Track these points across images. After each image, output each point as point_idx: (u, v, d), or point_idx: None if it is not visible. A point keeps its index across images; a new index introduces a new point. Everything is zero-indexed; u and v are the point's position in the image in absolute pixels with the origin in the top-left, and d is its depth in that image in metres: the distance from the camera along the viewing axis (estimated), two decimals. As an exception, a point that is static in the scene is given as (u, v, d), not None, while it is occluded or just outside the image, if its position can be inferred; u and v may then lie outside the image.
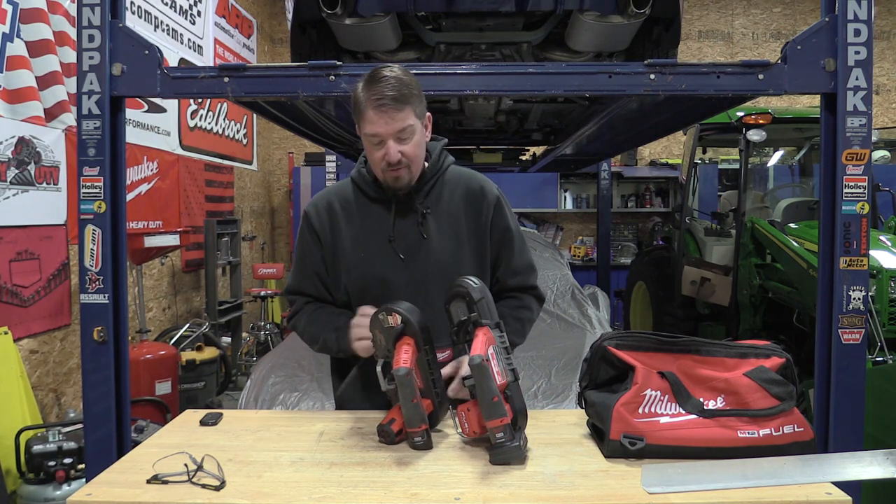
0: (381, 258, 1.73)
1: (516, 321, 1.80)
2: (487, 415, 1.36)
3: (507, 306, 1.80)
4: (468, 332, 1.49)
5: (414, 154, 1.65)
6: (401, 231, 1.73)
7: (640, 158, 8.42)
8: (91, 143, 2.13)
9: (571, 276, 4.66)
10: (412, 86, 1.61)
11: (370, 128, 1.61)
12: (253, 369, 3.33)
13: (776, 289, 4.38)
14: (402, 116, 1.59)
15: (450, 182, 1.79)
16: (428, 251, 1.73)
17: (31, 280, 3.77)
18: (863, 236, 2.09)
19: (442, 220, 1.75)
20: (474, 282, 1.51)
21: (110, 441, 2.15)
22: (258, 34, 7.94)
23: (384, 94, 1.56)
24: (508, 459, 1.36)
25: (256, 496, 1.23)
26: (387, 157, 1.62)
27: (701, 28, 8.47)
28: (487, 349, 1.39)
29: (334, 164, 6.49)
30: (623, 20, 2.55)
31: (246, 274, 7.16)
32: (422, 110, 1.66)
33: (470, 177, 1.82)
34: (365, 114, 1.61)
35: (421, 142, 1.67)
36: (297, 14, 2.67)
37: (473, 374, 1.36)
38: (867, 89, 2.08)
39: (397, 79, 1.58)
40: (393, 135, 1.60)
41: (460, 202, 1.77)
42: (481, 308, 1.48)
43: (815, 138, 5.12)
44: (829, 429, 2.11)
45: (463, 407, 1.47)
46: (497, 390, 1.36)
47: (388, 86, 1.57)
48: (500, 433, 1.35)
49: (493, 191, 1.81)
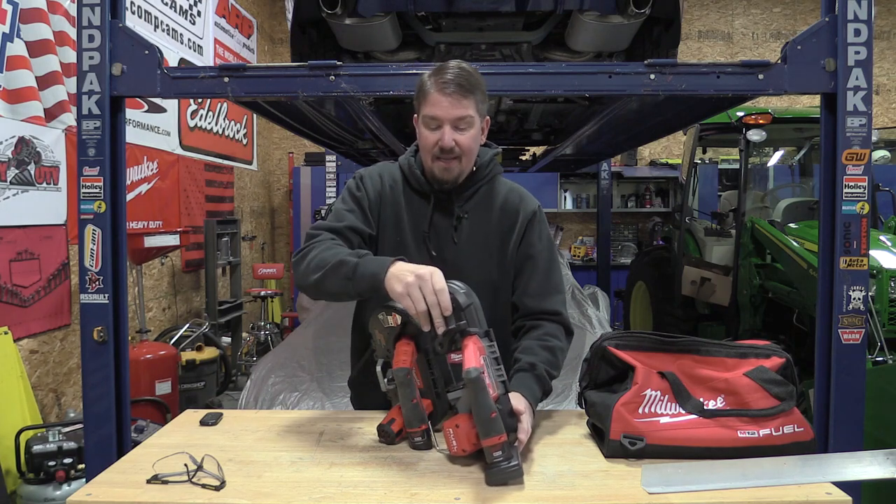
0: (413, 250, 1.70)
1: (546, 350, 1.61)
2: (484, 432, 1.26)
3: (532, 337, 1.65)
4: (455, 342, 1.37)
5: (468, 146, 1.63)
6: (436, 228, 1.72)
7: (640, 158, 8.42)
8: (91, 143, 2.13)
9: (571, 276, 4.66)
10: (479, 81, 1.63)
11: (431, 109, 1.60)
12: (253, 369, 3.33)
13: (776, 289, 4.38)
14: (464, 104, 1.59)
15: (494, 190, 1.76)
16: (456, 255, 1.71)
17: (31, 280, 3.77)
18: (863, 236, 2.09)
19: (476, 228, 1.73)
20: (461, 287, 1.39)
21: (110, 441, 2.15)
22: (258, 34, 7.94)
23: (450, 80, 1.58)
24: (506, 480, 1.25)
25: (256, 496, 1.23)
26: (441, 141, 1.60)
27: (701, 28, 8.47)
28: (480, 360, 1.29)
29: (334, 164, 6.49)
30: (623, 20, 2.56)
31: (246, 274, 7.16)
32: (483, 109, 1.66)
33: (511, 189, 1.79)
34: (428, 95, 1.60)
35: (476, 137, 1.66)
36: (297, 14, 2.67)
37: (469, 388, 1.26)
38: (867, 89, 2.08)
39: (466, 70, 1.61)
40: (451, 120, 1.60)
41: (497, 213, 1.75)
42: (469, 315, 1.36)
43: (815, 138, 5.12)
44: (829, 429, 2.11)
45: (450, 423, 1.35)
46: (494, 406, 1.26)
47: (457, 73, 1.59)
48: (498, 451, 1.25)
49: (529, 208, 1.77)
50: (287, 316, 7.59)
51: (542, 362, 1.57)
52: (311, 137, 4.42)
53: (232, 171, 7.13)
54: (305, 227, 7.73)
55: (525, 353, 1.61)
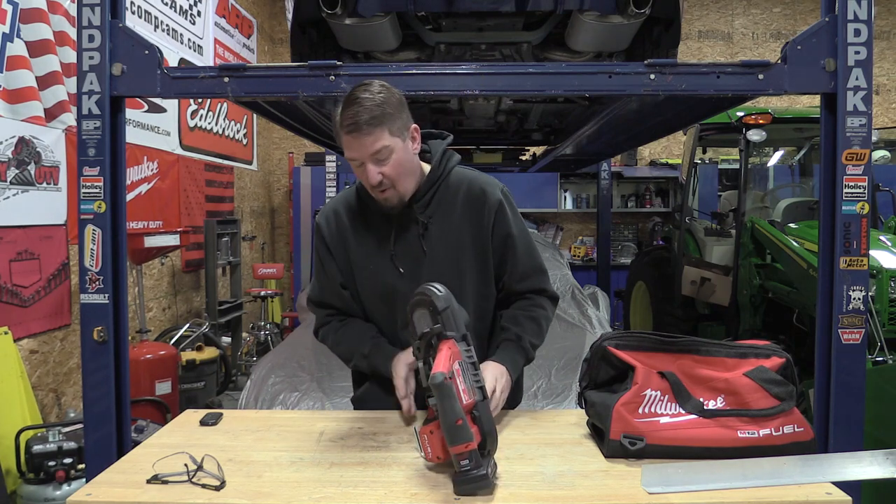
0: (385, 273, 1.72)
1: (531, 321, 1.74)
2: (450, 439, 1.23)
3: (518, 307, 1.77)
4: (432, 346, 1.36)
5: (396, 174, 1.60)
6: (402, 245, 1.71)
7: (640, 158, 8.42)
8: (91, 143, 2.13)
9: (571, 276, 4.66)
10: (387, 104, 1.56)
11: (347, 152, 1.60)
12: (253, 369, 3.33)
13: (776, 289, 4.38)
14: (373, 139, 1.54)
15: (452, 186, 1.74)
16: (431, 264, 1.70)
17: (31, 280, 3.77)
18: (863, 236, 2.09)
19: (444, 229, 1.72)
20: (439, 289, 1.38)
21: (110, 441, 2.14)
22: (258, 34, 7.94)
23: (355, 120, 1.53)
24: (474, 490, 1.21)
25: (256, 496, 1.23)
26: (368, 179, 1.59)
27: (701, 28, 8.47)
28: (452, 365, 1.27)
29: (334, 164, 6.48)
30: (623, 20, 2.55)
31: (246, 274, 7.16)
32: (401, 126, 1.60)
33: (472, 179, 1.75)
34: (340, 137, 1.59)
35: (403, 159, 1.61)
36: (297, 14, 2.67)
37: (434, 394, 1.24)
38: (867, 89, 2.08)
39: (370, 99, 1.54)
40: (369, 157, 1.57)
41: (462, 207, 1.73)
42: (446, 318, 1.35)
43: (815, 138, 5.12)
44: (829, 429, 2.11)
45: (426, 429, 1.33)
46: (461, 412, 1.23)
47: (361, 108, 1.53)
48: (466, 460, 1.22)
49: (495, 194, 1.74)
50: (287, 316, 7.59)
51: (526, 333, 1.72)
52: (311, 137, 4.42)
53: (232, 171, 7.13)
54: (305, 227, 7.73)
55: (511, 322, 1.74)
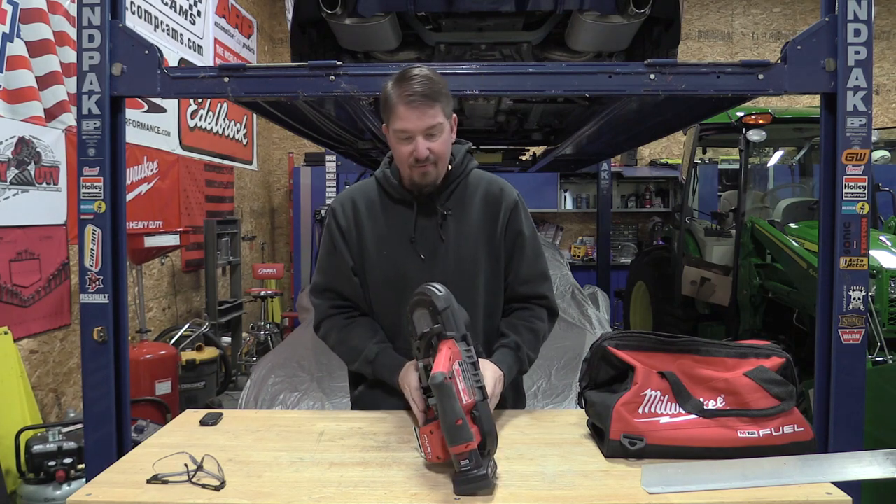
0: (403, 258, 1.74)
1: (530, 332, 1.77)
2: (450, 439, 1.23)
3: (519, 317, 1.80)
4: (432, 346, 1.36)
5: (441, 151, 1.66)
6: (422, 232, 1.74)
7: (640, 158, 8.42)
8: (91, 143, 2.13)
9: (571, 276, 4.66)
10: (442, 85, 1.64)
11: (400, 123, 1.62)
12: (253, 369, 3.33)
13: (776, 289, 4.38)
14: (432, 113, 1.61)
15: (471, 185, 1.80)
16: (447, 253, 1.74)
17: (31, 280, 3.77)
18: (863, 236, 2.09)
19: (461, 223, 1.76)
20: (439, 289, 1.39)
21: (110, 441, 2.15)
22: (258, 34, 7.94)
23: (415, 91, 1.58)
24: (474, 490, 1.22)
25: (256, 496, 1.23)
26: (415, 153, 1.62)
27: (701, 28, 8.47)
28: (452, 365, 1.27)
29: (334, 164, 6.48)
30: (623, 20, 2.55)
31: (246, 274, 7.16)
32: (449, 110, 1.68)
33: (491, 181, 1.83)
34: (395, 110, 1.61)
35: (448, 140, 1.69)
36: (297, 14, 2.67)
37: (434, 394, 1.25)
38: (867, 89, 2.08)
39: (428, 77, 1.61)
40: (422, 131, 1.61)
41: (479, 205, 1.78)
42: (446, 318, 1.35)
43: (815, 138, 5.12)
44: (829, 429, 2.11)
45: (426, 429, 1.34)
46: (461, 412, 1.24)
47: (420, 83, 1.59)
48: (466, 460, 1.22)
49: (512, 194, 1.81)
50: (287, 316, 7.59)
51: (525, 344, 1.74)
52: (311, 137, 4.41)
53: (232, 171, 7.13)
54: (305, 227, 7.74)
55: (511, 329, 1.77)
